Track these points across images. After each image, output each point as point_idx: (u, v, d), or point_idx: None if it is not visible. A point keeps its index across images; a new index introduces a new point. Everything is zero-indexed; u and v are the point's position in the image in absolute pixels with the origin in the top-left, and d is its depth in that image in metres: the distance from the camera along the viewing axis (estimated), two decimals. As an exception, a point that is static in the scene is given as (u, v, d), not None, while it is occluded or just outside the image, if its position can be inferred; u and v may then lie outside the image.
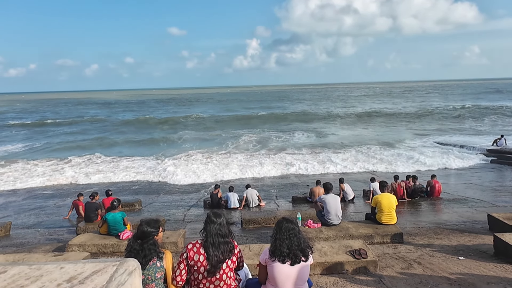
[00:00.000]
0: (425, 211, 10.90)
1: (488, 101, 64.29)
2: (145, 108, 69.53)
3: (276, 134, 33.78)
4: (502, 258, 5.69)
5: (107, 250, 7.33)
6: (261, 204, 12.56)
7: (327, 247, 5.85)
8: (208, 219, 3.47)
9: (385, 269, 5.39)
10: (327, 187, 7.78)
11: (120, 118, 52.33)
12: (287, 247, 3.36)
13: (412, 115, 46.84)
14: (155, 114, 57.80)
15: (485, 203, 11.40)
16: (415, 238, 7.39)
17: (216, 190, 12.64)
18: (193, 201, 13.80)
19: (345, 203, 12.12)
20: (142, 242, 3.50)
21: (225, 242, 3.38)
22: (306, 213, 9.47)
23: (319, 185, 12.13)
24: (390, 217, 7.53)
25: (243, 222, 9.66)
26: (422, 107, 56.42)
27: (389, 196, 7.66)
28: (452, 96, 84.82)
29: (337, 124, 41.80)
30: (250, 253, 5.74)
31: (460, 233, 7.60)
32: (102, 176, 19.14)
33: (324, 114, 51.15)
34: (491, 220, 7.89)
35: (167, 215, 11.48)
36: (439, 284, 4.74)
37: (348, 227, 7.50)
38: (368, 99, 78.55)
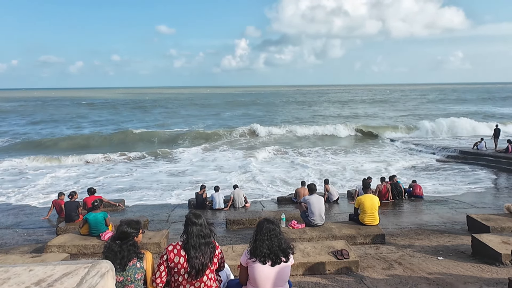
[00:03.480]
0: (407, 212, 11.08)
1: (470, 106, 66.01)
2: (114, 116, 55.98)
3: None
4: (479, 258, 5.84)
5: (88, 251, 7.19)
6: (247, 204, 12.55)
7: (310, 248, 5.88)
8: (188, 221, 3.41)
9: (366, 270, 5.45)
10: (311, 188, 7.83)
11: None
12: (267, 247, 3.35)
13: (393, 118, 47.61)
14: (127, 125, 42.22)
15: (465, 204, 11.67)
16: (397, 238, 7.50)
17: (202, 190, 12.55)
18: (178, 202, 13.68)
19: (329, 204, 12.22)
20: (121, 243, 3.44)
21: (206, 243, 3.35)
22: (291, 213, 9.50)
23: (304, 185, 12.19)
24: (373, 218, 7.62)
25: (228, 222, 9.63)
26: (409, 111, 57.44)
27: (372, 197, 7.75)
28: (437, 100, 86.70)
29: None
30: (233, 254, 5.72)
31: (440, 234, 7.76)
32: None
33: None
34: (469, 221, 8.08)
35: (151, 215, 11.33)
36: (418, 284, 4.82)
37: (332, 227, 7.56)
38: (366, 105, 78.01)
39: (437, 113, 51.68)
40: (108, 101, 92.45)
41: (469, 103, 74.64)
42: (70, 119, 49.05)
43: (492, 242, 5.85)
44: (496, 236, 6.18)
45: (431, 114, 49.73)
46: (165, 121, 45.78)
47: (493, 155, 20.19)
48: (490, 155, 20.26)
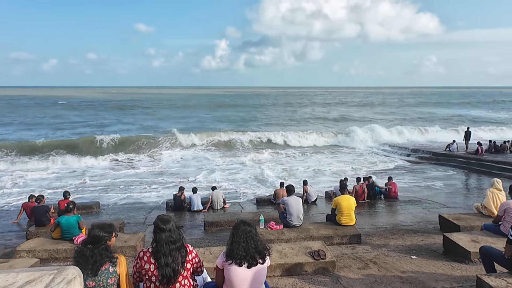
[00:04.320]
0: (382, 213, 11.34)
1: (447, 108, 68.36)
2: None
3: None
4: (450, 256, 6.03)
5: (60, 255, 6.95)
6: (226, 206, 12.49)
7: (287, 249, 5.90)
8: (156, 228, 3.31)
9: (342, 269, 5.52)
10: (290, 189, 7.88)
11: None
12: (243, 249, 3.33)
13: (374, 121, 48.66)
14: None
15: (438, 204, 12.05)
16: (373, 238, 7.65)
17: (180, 192, 12.40)
18: (155, 204, 13.46)
19: (308, 205, 12.34)
20: (93, 247, 3.33)
21: (177, 248, 3.27)
22: (270, 215, 9.53)
23: (283, 187, 12.26)
24: (350, 219, 7.74)
25: (206, 224, 9.56)
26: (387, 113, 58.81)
27: (349, 198, 7.87)
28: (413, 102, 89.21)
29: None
30: (211, 256, 5.67)
31: (414, 233, 7.97)
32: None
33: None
34: (441, 220, 8.34)
35: (127, 217, 11.10)
36: (392, 283, 4.93)
37: (309, 228, 7.62)
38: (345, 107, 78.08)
39: (427, 116, 53.23)
40: (85, 101, 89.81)
41: (453, 106, 77.41)
42: (46, 121, 47.08)
43: (462, 240, 6.06)
44: (466, 235, 6.41)
45: (422, 118, 50.72)
46: (144, 123, 44.05)
47: (464, 156, 20.99)
48: (461, 157, 21.05)
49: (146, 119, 49.28)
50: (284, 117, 53.43)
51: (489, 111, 63.03)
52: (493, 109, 68.94)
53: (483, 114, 57.62)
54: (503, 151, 21.54)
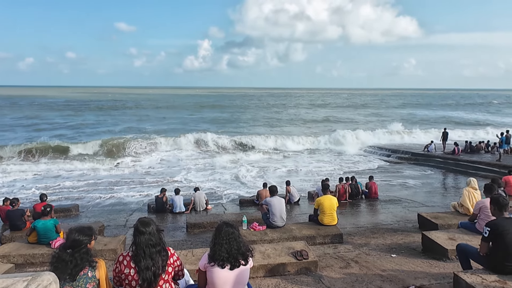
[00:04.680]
0: (364, 212, 11.52)
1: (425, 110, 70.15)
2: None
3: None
4: (428, 254, 6.18)
5: (36, 260, 6.73)
6: (208, 207, 12.41)
7: (270, 250, 5.91)
8: (136, 231, 3.25)
9: (325, 269, 5.57)
10: (272, 190, 7.90)
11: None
12: (226, 251, 3.31)
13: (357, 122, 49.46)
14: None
15: (416, 203, 12.34)
16: (354, 237, 7.75)
17: (162, 193, 12.24)
18: (137, 206, 13.24)
19: (290, 205, 12.40)
20: (73, 251, 3.24)
21: (157, 251, 3.22)
22: (252, 215, 9.53)
23: (266, 187, 12.27)
24: (332, 218, 7.82)
25: (188, 226, 9.47)
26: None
27: (331, 198, 7.95)
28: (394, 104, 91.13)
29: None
30: (193, 258, 5.61)
31: (394, 232, 8.12)
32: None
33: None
34: (420, 219, 8.54)
35: (107, 220, 10.87)
36: (373, 281, 5.01)
37: (292, 228, 7.66)
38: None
39: (409, 117, 54.36)
40: (64, 101, 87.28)
41: (433, 107, 79.45)
42: (24, 122, 45.30)
43: (440, 238, 6.22)
44: (443, 233, 6.58)
45: (404, 119, 51.60)
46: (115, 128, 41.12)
47: (442, 156, 21.61)
48: (439, 157, 21.65)
49: (128, 120, 48.32)
50: (268, 118, 53.53)
51: (467, 113, 65.19)
52: (473, 110, 71.32)
53: (462, 115, 59.54)
54: (478, 151, 22.30)
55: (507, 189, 10.91)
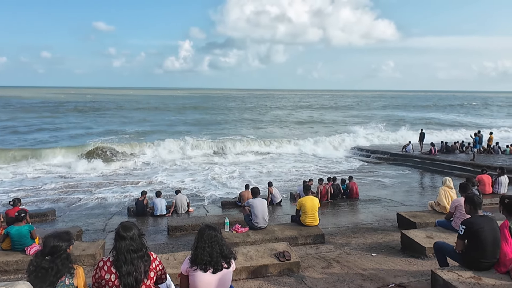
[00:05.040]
0: (344, 212, 11.67)
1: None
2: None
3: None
4: (407, 252, 6.33)
5: (10, 268, 6.47)
6: (190, 210, 12.29)
7: (253, 251, 5.90)
8: (117, 236, 3.18)
9: (307, 269, 5.61)
10: (254, 192, 7.90)
11: None
12: (208, 255, 3.28)
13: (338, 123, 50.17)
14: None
15: (395, 202, 12.62)
16: (335, 237, 7.85)
17: (142, 196, 12.03)
18: (116, 209, 12.97)
19: (273, 206, 12.44)
20: (53, 257, 3.13)
21: (139, 256, 3.16)
22: (235, 217, 9.49)
23: (248, 189, 12.27)
24: (313, 219, 7.89)
25: (170, 229, 9.35)
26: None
27: (312, 198, 8.02)
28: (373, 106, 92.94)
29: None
30: (175, 262, 5.54)
31: (374, 231, 8.27)
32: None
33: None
34: (399, 218, 8.74)
35: (85, 224, 10.60)
36: (354, 281, 5.08)
37: (274, 230, 7.68)
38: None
39: (389, 118, 55.42)
40: (39, 102, 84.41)
41: (410, 109, 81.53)
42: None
43: (418, 237, 6.38)
44: (421, 231, 6.75)
45: (386, 120, 52.62)
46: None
47: (419, 156, 22.21)
48: (416, 157, 22.24)
49: (108, 122, 47.11)
50: (251, 120, 53.54)
51: (444, 114, 67.26)
52: (451, 112, 73.65)
53: (439, 116, 61.40)
54: (454, 151, 23.05)
55: (481, 188, 11.31)
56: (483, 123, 48.92)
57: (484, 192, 11.23)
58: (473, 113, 70.42)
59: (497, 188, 11.86)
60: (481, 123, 49.89)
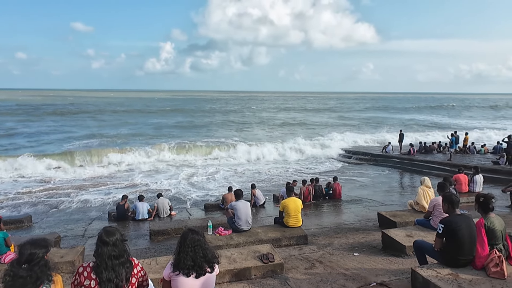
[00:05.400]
0: (327, 213, 11.81)
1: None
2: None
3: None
4: (388, 251, 6.45)
5: (-17, 277, 6.22)
6: (172, 213, 12.14)
7: (236, 254, 5.88)
8: (99, 241, 3.11)
9: (290, 271, 5.63)
10: (238, 194, 7.88)
11: None
12: (191, 259, 3.24)
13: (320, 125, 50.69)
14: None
15: (376, 202, 12.86)
16: (318, 238, 7.92)
17: (123, 201, 11.81)
18: (96, 214, 12.68)
19: (256, 208, 12.45)
20: (30, 265, 3.02)
21: (121, 263, 3.09)
22: (218, 220, 9.45)
23: (231, 191, 12.24)
24: (296, 220, 7.93)
25: (152, 233, 9.21)
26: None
27: (295, 200, 8.07)
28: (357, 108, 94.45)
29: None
30: (157, 267, 5.46)
31: (356, 231, 8.39)
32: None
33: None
34: (380, 217, 8.90)
35: (63, 230, 10.32)
36: (337, 281, 5.14)
37: (258, 232, 7.68)
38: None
39: (369, 121, 56.28)
40: (15, 105, 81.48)
41: (390, 110, 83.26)
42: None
43: (398, 236, 6.52)
44: (401, 230, 6.90)
45: (367, 122, 53.44)
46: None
47: (398, 157, 22.70)
48: (396, 157, 22.73)
49: (89, 126, 45.64)
50: (235, 123, 53.37)
51: (425, 115, 69.07)
52: (430, 113, 75.66)
53: (418, 117, 63.01)
54: (431, 151, 23.69)
55: (458, 187, 11.67)
56: (460, 124, 50.56)
57: (460, 191, 11.59)
58: (450, 115, 72.65)
59: (472, 186, 12.26)
60: (457, 123, 51.53)
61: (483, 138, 31.80)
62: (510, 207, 10.43)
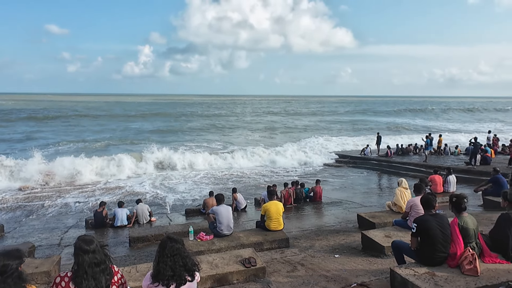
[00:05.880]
0: (308, 215, 11.92)
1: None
2: None
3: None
4: (368, 252, 6.57)
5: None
6: (152, 219, 11.95)
7: (218, 259, 5.85)
8: (78, 250, 3.00)
9: (273, 274, 5.65)
10: (219, 198, 7.84)
11: None
12: (170, 269, 3.17)
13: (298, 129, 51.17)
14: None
15: (356, 204, 13.08)
16: (300, 241, 7.98)
17: (101, 207, 11.53)
18: (73, 221, 12.31)
19: (237, 212, 12.42)
20: (3, 278, 2.91)
21: (101, 270, 3.02)
22: (199, 225, 9.36)
23: (212, 196, 12.16)
24: (278, 223, 7.96)
25: (131, 240, 9.03)
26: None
27: (277, 203, 8.11)
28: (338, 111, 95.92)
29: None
30: (137, 274, 5.35)
31: (336, 233, 8.51)
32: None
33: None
34: (359, 219, 9.06)
35: (38, 240, 9.97)
36: (319, 283, 5.19)
37: (240, 236, 7.66)
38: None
39: (347, 125, 57.14)
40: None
41: (368, 113, 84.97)
42: None
43: (377, 237, 6.66)
44: (380, 231, 7.05)
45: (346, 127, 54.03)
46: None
47: (376, 159, 23.22)
48: (374, 159, 23.23)
49: (65, 131, 43.94)
50: (215, 127, 53.01)
51: (402, 118, 70.93)
52: (407, 116, 77.74)
53: (395, 120, 64.64)
54: (408, 153, 24.35)
55: (433, 187, 12.05)
56: (435, 126, 52.24)
57: (436, 191, 11.96)
58: (426, 117, 74.91)
59: (447, 187, 12.68)
60: (433, 126, 53.22)
61: (461, 140, 32.99)
62: (482, 206, 10.85)
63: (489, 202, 10.35)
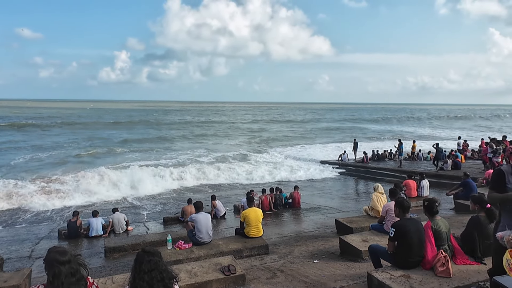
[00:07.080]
0: (287, 221, 11.97)
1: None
2: None
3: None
4: (346, 256, 6.66)
5: None
6: (129, 228, 11.66)
7: (197, 268, 5.77)
8: (54, 262, 2.81)
9: (252, 281, 5.63)
10: (198, 206, 7.77)
11: None
12: (148, 285, 3.08)
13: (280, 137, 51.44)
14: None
15: (334, 209, 13.26)
16: (279, 247, 7.99)
17: (75, 217, 11.15)
18: (45, 232, 11.83)
19: (217, 220, 12.32)
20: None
21: (77, 280, 2.91)
22: (177, 233, 9.21)
23: (190, 203, 12.02)
24: (257, 230, 7.96)
25: (107, 251, 8.76)
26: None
27: (256, 210, 8.10)
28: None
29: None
30: (113, 286, 5.21)
31: (315, 239, 8.59)
32: None
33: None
34: (337, 224, 9.19)
35: (7, 252, 9.51)
36: (298, 288, 5.22)
37: (219, 244, 7.60)
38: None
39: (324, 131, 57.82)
40: None
41: (344, 120, 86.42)
42: None
43: (355, 241, 6.77)
44: (357, 236, 7.18)
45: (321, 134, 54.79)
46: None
47: (353, 164, 23.69)
48: (351, 165, 23.69)
49: (31, 140, 41.97)
50: (195, 135, 52.36)
51: (376, 124, 72.73)
52: (387, 123, 79.74)
53: (371, 126, 66.22)
54: (384, 158, 24.98)
55: (407, 192, 12.39)
56: (410, 132, 53.89)
57: (410, 196, 12.30)
58: (402, 124, 77.18)
59: (420, 191, 13.08)
60: (409, 131, 54.87)
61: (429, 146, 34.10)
62: (454, 210, 11.25)
63: (460, 205, 10.75)
